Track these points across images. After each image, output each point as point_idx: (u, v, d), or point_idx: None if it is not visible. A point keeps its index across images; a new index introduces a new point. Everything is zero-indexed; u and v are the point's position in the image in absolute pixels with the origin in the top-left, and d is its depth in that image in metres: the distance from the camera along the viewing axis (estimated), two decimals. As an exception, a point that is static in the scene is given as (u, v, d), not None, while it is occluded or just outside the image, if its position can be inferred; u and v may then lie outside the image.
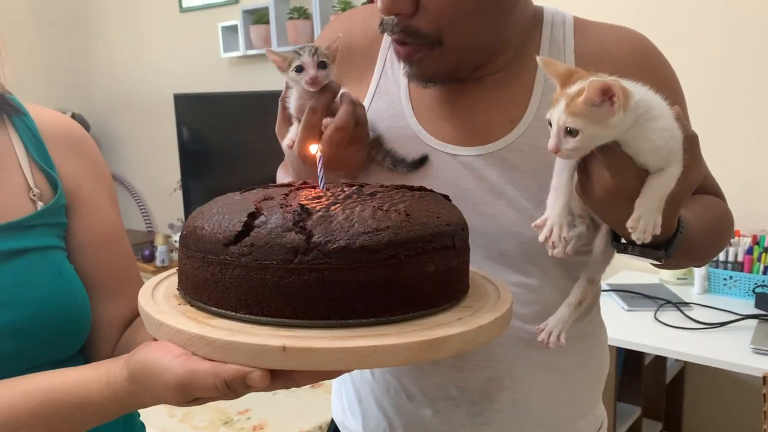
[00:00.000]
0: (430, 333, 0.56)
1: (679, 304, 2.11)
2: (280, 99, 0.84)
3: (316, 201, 0.63)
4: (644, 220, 0.64)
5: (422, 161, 0.85)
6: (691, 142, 0.65)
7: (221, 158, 3.53)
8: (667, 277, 2.36)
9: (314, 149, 0.72)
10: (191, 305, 0.64)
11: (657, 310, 2.08)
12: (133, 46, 4.18)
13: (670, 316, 2.05)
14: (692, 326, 1.96)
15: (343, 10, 3.02)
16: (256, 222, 0.60)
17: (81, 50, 4.41)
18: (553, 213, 0.69)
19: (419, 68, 0.81)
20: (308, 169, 0.83)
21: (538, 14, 0.88)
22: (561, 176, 0.70)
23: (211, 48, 3.69)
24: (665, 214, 0.65)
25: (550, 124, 0.65)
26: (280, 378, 0.55)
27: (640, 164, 0.64)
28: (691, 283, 2.30)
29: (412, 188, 0.70)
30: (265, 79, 3.49)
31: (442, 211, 0.65)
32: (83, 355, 0.85)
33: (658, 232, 0.65)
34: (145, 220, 4.38)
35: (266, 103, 3.20)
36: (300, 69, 0.78)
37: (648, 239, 0.65)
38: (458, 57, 0.80)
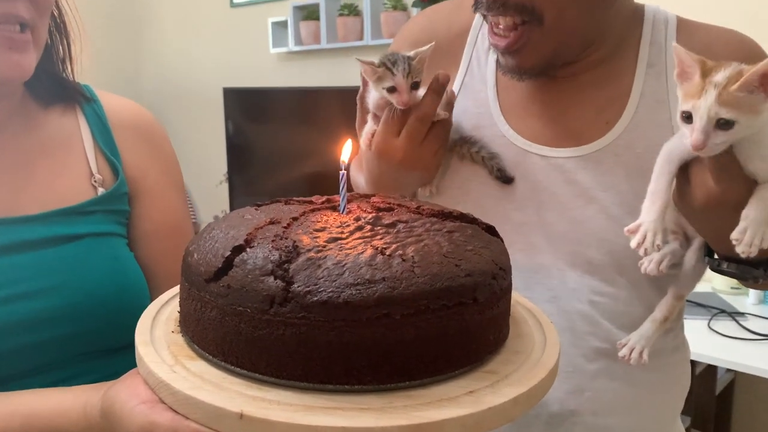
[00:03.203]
0: (421, 414, 0.45)
1: (734, 314, 2.03)
2: (358, 97, 0.80)
3: (318, 233, 0.54)
4: (751, 232, 0.58)
5: (507, 181, 0.80)
6: None
7: (267, 152, 3.54)
8: (720, 286, 2.25)
9: (346, 153, 0.63)
10: (182, 335, 0.57)
11: (711, 319, 2.01)
12: (183, 39, 4.21)
13: (724, 325, 1.97)
14: (747, 336, 1.89)
15: (395, 7, 2.98)
16: (236, 260, 0.52)
17: (132, 43, 4.47)
18: (649, 218, 0.63)
19: (518, 57, 0.75)
20: (383, 167, 0.79)
21: (638, 11, 0.81)
22: (659, 180, 0.64)
23: (260, 43, 3.69)
24: None
25: (687, 118, 0.58)
26: None
27: (749, 172, 0.58)
28: (745, 293, 2.19)
29: (448, 216, 0.59)
30: (313, 75, 3.48)
31: (467, 256, 0.53)
32: None
33: (766, 246, 0.58)
34: (189, 211, 4.43)
35: (314, 99, 3.24)
36: (392, 89, 0.73)
37: (754, 253, 0.59)
38: (558, 41, 0.74)
